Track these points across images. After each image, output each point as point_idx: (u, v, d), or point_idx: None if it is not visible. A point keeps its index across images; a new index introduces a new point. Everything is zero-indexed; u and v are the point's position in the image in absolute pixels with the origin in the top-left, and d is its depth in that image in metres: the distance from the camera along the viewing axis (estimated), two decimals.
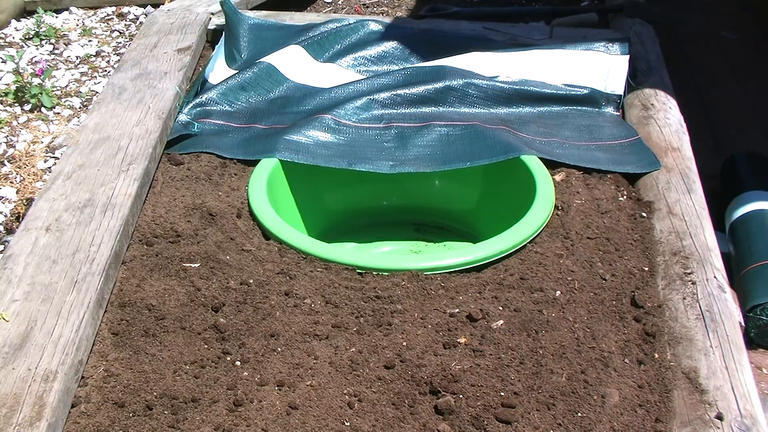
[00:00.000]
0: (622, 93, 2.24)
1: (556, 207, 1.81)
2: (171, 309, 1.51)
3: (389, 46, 2.47)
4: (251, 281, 1.59)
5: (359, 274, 1.63)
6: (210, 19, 2.68)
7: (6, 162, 2.42)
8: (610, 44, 2.37)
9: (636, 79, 2.30)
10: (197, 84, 2.33)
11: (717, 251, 1.67)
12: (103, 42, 3.12)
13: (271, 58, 2.34)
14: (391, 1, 3.23)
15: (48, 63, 2.92)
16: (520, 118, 2.19)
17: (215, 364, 1.40)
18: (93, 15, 3.33)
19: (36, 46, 3.07)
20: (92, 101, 2.63)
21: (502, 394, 1.33)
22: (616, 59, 2.32)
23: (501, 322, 1.49)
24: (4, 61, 2.88)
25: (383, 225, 2.25)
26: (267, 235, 1.75)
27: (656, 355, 1.43)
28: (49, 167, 2.41)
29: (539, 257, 1.67)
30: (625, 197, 1.86)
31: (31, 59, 2.94)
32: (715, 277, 1.58)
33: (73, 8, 3.35)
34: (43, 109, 2.66)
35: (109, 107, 2.10)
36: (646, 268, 1.64)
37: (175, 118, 2.12)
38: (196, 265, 1.62)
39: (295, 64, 2.37)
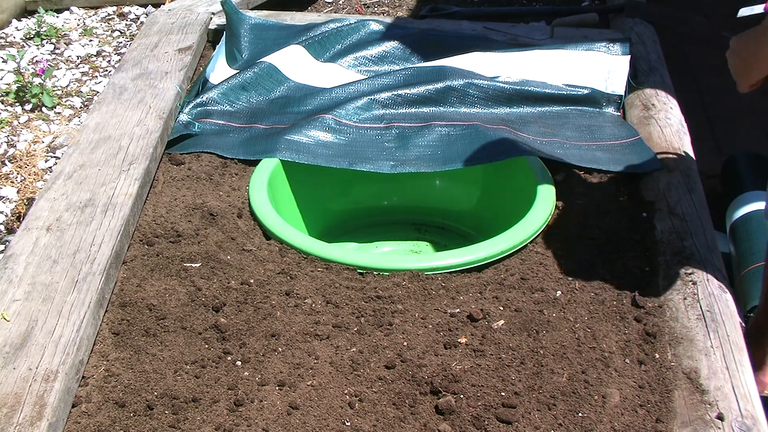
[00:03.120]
0: (622, 93, 2.24)
1: (556, 207, 1.81)
2: (172, 309, 1.51)
3: (390, 46, 2.47)
4: (252, 281, 1.59)
5: (360, 274, 1.63)
6: (211, 18, 2.69)
7: (7, 162, 2.42)
8: (611, 44, 2.37)
9: (637, 79, 2.30)
10: (198, 84, 2.34)
11: (718, 251, 1.67)
12: (104, 42, 3.12)
13: (272, 58, 2.35)
14: (392, 1, 3.23)
15: (49, 63, 2.92)
16: (521, 118, 2.19)
17: (216, 364, 1.40)
18: (94, 15, 3.33)
19: (37, 45, 3.07)
20: (93, 101, 2.63)
21: (503, 394, 1.33)
22: (616, 59, 2.32)
23: (502, 322, 1.49)
24: (5, 61, 2.89)
25: (384, 225, 2.25)
26: (268, 235, 1.75)
27: (657, 356, 1.43)
28: (50, 167, 2.41)
29: (540, 257, 1.67)
30: (625, 197, 1.86)
31: (32, 59, 2.94)
32: (715, 277, 1.58)
33: (73, 8, 3.35)
34: (43, 108, 2.67)
35: (110, 107, 2.10)
36: (647, 268, 1.64)
37: (176, 117, 2.12)
38: (197, 265, 1.63)
39: (296, 63, 2.37)
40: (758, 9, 1.50)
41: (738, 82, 1.54)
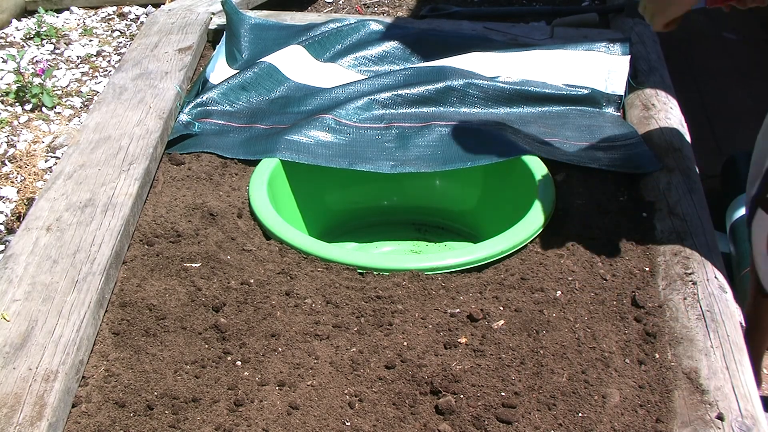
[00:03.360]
0: (622, 93, 2.24)
1: (556, 207, 1.81)
2: (172, 309, 1.51)
3: (390, 46, 2.47)
4: (252, 281, 1.59)
5: (360, 274, 1.63)
6: (211, 18, 2.69)
7: (7, 162, 2.42)
8: (611, 44, 2.37)
9: (637, 79, 2.30)
10: (198, 84, 2.34)
11: (718, 251, 1.67)
12: (104, 42, 3.12)
13: (272, 58, 2.35)
14: (392, 1, 3.23)
15: (49, 63, 2.92)
16: (521, 118, 2.19)
17: (216, 364, 1.40)
18: (94, 15, 3.33)
19: (37, 45, 3.07)
20: (93, 101, 2.63)
21: (503, 394, 1.33)
22: (616, 59, 2.32)
23: (502, 322, 1.49)
24: (5, 61, 2.89)
25: (384, 225, 2.25)
26: (268, 234, 1.75)
27: (657, 356, 1.43)
28: (50, 167, 2.41)
29: (540, 257, 1.67)
30: (625, 197, 1.86)
31: (32, 59, 2.94)
32: (715, 277, 1.58)
33: (73, 8, 3.35)
34: (43, 108, 2.67)
35: (110, 107, 2.10)
36: (647, 268, 1.64)
37: (176, 117, 2.12)
38: (197, 265, 1.63)
39: (296, 63, 2.37)
40: (700, 3, 1.53)
41: (652, 22, 1.57)
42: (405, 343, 1.44)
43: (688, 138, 2.06)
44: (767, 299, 1.80)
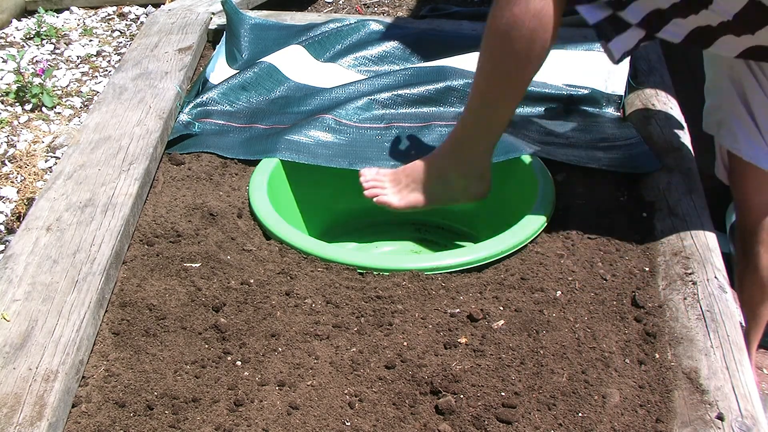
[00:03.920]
0: (622, 93, 2.24)
1: (556, 207, 1.81)
2: (172, 309, 1.51)
3: (390, 46, 2.47)
4: (252, 281, 1.59)
5: (360, 274, 1.63)
6: (211, 18, 2.69)
7: (7, 162, 2.42)
8: None
9: (636, 80, 2.30)
10: (198, 84, 2.34)
11: (718, 251, 1.67)
12: (104, 42, 3.12)
13: (272, 58, 2.35)
14: (392, 1, 3.23)
15: (49, 63, 2.92)
16: (521, 118, 2.19)
17: (216, 364, 1.40)
18: (94, 15, 3.33)
19: (37, 45, 3.07)
20: (93, 101, 2.63)
21: (503, 394, 1.33)
22: None
23: (502, 322, 1.49)
24: (5, 61, 2.89)
25: (383, 225, 2.25)
26: (268, 235, 1.75)
27: (657, 356, 1.43)
28: (50, 167, 2.41)
29: (540, 257, 1.67)
30: (625, 197, 1.86)
31: (32, 59, 2.95)
32: (715, 277, 1.58)
33: (73, 8, 3.35)
34: (43, 108, 2.67)
35: (110, 107, 2.11)
36: (647, 268, 1.64)
37: (176, 117, 2.12)
38: (197, 265, 1.63)
39: (296, 63, 2.37)
40: None
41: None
42: (405, 343, 1.44)
43: (687, 138, 2.07)
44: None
